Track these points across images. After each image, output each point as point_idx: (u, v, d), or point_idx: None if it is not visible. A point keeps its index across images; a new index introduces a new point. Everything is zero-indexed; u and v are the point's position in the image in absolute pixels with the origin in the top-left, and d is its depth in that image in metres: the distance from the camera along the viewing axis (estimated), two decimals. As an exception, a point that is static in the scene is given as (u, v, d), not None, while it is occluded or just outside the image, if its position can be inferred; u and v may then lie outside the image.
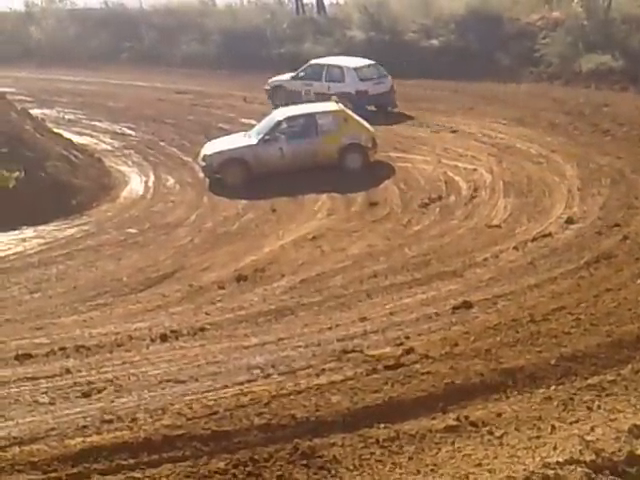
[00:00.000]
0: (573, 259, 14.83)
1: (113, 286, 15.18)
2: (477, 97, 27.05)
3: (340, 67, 26.63)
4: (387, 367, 10.80)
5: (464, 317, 12.56)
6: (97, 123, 27.00)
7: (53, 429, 9.48)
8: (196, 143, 23.60)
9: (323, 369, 10.94)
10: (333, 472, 8.43)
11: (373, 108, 25.94)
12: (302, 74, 27.14)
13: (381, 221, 18.02)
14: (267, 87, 27.65)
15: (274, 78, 27.69)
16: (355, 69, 26.46)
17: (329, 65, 26.91)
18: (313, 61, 27.56)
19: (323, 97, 24.61)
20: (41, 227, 18.62)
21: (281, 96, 26.83)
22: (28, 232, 18.36)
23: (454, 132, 23.88)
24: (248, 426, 9.32)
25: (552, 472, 7.91)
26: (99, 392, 10.48)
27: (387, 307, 13.21)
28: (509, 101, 26.40)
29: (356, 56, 27.97)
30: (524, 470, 8.02)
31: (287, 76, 27.49)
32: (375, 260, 15.59)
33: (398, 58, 30.11)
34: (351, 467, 8.50)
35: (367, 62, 27.02)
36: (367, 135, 21.58)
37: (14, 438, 9.29)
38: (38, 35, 37.19)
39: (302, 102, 24.48)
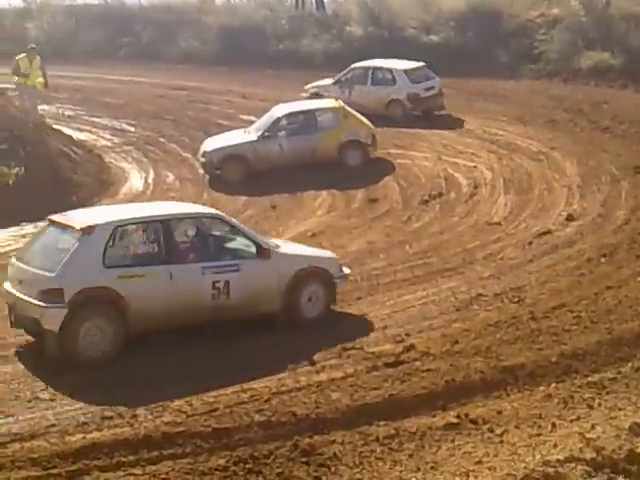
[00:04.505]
0: (573, 256, 14.83)
1: (113, 282, 15.13)
2: (476, 94, 27.03)
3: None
4: (387, 364, 10.82)
5: (464, 314, 12.57)
6: (96, 119, 26.92)
7: (53, 425, 9.48)
8: (195, 139, 23.55)
9: (323, 366, 10.94)
10: (333, 469, 8.43)
11: None
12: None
13: (381, 218, 18.01)
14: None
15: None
16: None
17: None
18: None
19: None
20: (41, 223, 18.56)
21: None
22: (28, 228, 18.31)
23: (453, 129, 23.85)
24: (248, 423, 9.33)
25: (552, 470, 7.91)
26: (99, 388, 10.46)
27: (387, 304, 13.20)
28: (509, 98, 26.39)
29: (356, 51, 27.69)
30: (524, 468, 8.02)
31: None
32: (375, 257, 15.57)
33: (397, 54, 30.08)
34: (351, 464, 8.50)
35: None
36: (367, 132, 21.55)
37: (14, 434, 9.29)
38: (36, 31, 37.12)
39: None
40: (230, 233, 12.32)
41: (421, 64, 25.86)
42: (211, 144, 21.62)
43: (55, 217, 12.07)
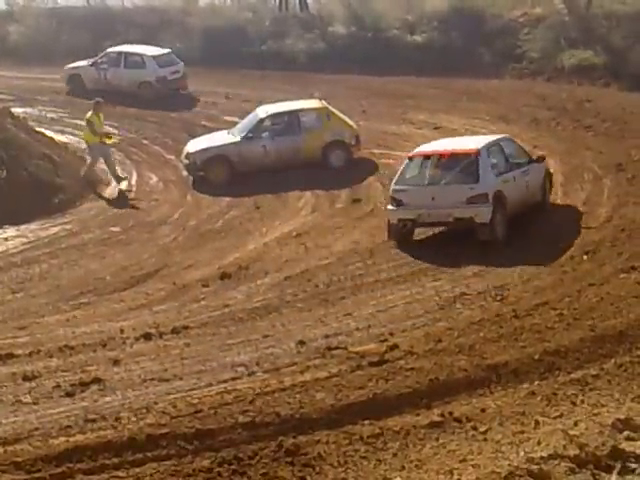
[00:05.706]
0: (556, 254, 14.87)
1: (96, 285, 15.14)
2: (460, 93, 27.04)
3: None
4: (371, 364, 10.81)
5: (448, 313, 12.59)
6: (79, 121, 26.71)
7: (37, 429, 9.44)
8: (179, 141, 23.53)
9: (307, 366, 10.94)
10: (318, 469, 8.41)
11: None
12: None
13: (365, 218, 18.03)
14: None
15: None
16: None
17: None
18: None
19: None
20: (24, 226, 18.55)
21: None
22: (10, 231, 18.28)
23: (437, 128, 23.86)
24: (232, 424, 9.30)
25: (536, 467, 7.91)
26: (83, 391, 10.44)
27: (371, 303, 13.23)
28: (492, 97, 26.42)
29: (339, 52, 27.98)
30: (508, 465, 8.01)
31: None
32: (359, 257, 15.58)
33: (381, 55, 30.12)
34: (335, 464, 8.48)
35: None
36: (350, 132, 21.58)
37: (-3, 438, 9.26)
38: (18, 33, 36.98)
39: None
40: (515, 149, 17.29)
41: (167, 50, 29.75)
42: (194, 145, 21.60)
43: (426, 151, 16.71)
